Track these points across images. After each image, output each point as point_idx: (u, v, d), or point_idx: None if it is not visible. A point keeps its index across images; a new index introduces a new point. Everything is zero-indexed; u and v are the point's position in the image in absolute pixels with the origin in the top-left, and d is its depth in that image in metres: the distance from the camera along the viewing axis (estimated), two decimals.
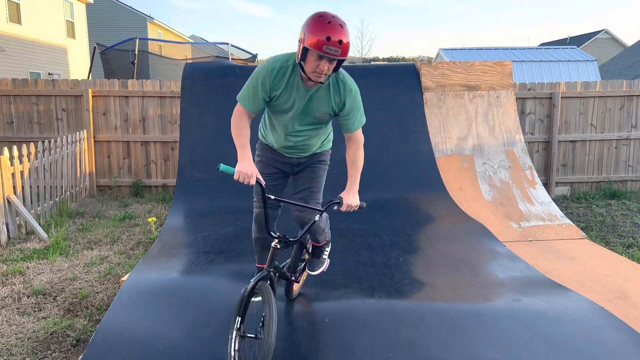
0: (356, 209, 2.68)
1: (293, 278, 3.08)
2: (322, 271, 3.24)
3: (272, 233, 2.61)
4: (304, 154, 2.98)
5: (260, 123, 3.06)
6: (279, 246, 2.59)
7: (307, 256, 3.31)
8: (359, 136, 2.79)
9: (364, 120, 2.79)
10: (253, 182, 2.48)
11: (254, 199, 3.02)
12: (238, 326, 2.45)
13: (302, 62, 2.50)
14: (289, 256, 3.17)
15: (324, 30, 2.35)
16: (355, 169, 2.77)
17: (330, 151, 3.15)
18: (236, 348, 2.43)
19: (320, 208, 2.67)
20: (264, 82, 2.61)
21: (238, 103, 2.70)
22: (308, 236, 3.17)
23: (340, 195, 2.69)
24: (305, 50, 2.43)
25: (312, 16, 2.43)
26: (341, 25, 2.38)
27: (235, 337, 2.43)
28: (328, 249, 3.30)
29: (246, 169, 2.47)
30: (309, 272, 3.22)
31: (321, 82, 2.53)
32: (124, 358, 2.72)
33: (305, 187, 2.99)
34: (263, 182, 2.51)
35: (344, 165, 2.90)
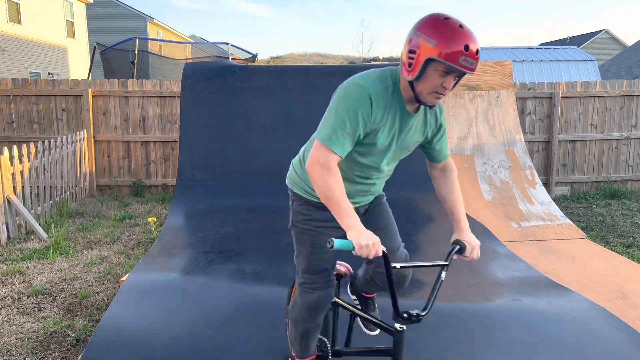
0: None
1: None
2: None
3: (404, 314, 1.87)
4: (372, 197, 2.29)
5: (298, 171, 2.30)
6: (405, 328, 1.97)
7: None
8: (452, 162, 2.23)
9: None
10: (380, 252, 1.77)
11: (306, 279, 2.20)
12: None
13: (415, 80, 1.85)
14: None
15: (459, 37, 1.74)
16: (461, 203, 2.14)
17: None
18: None
19: (443, 262, 1.93)
20: (365, 112, 1.89)
21: (321, 147, 1.89)
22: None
23: (457, 238, 2.03)
24: (427, 63, 1.79)
25: (434, 19, 1.80)
26: (472, 32, 1.80)
27: None
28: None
29: (368, 238, 1.74)
30: (369, 332, 2.56)
31: (431, 106, 1.91)
32: (123, 357, 2.72)
33: (387, 235, 2.26)
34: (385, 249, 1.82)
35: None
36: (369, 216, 2.30)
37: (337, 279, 2.52)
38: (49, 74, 19.06)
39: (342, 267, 2.58)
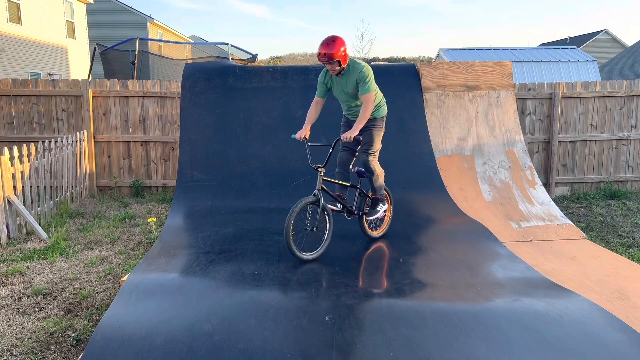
0: (351, 140, 4.11)
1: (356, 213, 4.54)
2: (375, 218, 4.64)
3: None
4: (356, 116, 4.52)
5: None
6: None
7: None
8: (366, 98, 4.25)
9: (367, 90, 4.24)
10: (299, 137, 4.36)
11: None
12: None
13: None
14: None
15: (319, 48, 4.16)
16: (361, 117, 4.21)
17: (380, 119, 4.51)
18: None
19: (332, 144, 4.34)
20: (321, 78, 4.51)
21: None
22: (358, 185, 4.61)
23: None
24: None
25: None
26: (325, 43, 4.11)
27: None
28: (382, 205, 4.65)
29: (299, 132, 4.39)
30: (367, 217, 4.60)
31: (336, 74, 4.32)
32: (124, 357, 2.73)
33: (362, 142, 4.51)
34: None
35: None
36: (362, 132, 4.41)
37: (359, 175, 4.62)
38: (50, 74, 19.07)
39: (356, 169, 4.66)
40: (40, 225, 5.66)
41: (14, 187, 5.37)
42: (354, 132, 4.11)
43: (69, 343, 3.23)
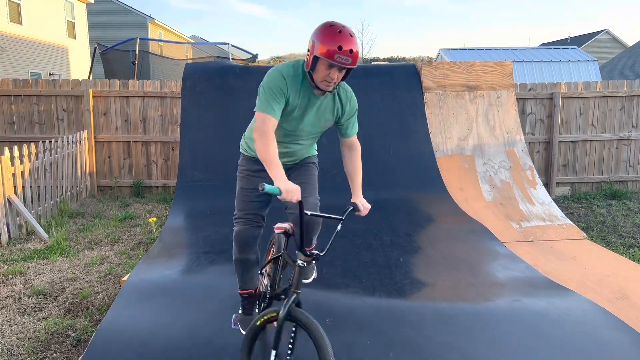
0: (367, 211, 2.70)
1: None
2: (314, 278, 3.18)
3: (305, 252, 2.40)
4: (295, 161, 2.92)
5: (245, 135, 2.91)
6: (306, 264, 2.39)
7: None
8: (357, 141, 2.84)
9: (357, 127, 2.85)
10: (299, 198, 2.29)
11: (235, 214, 2.82)
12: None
13: (311, 71, 2.49)
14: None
15: (335, 39, 2.37)
16: (359, 174, 2.81)
17: (316, 157, 3.07)
18: None
19: (341, 217, 2.49)
20: (282, 86, 2.53)
21: (259, 115, 2.50)
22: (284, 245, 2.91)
23: (352, 201, 2.66)
24: (315, 59, 2.43)
25: (323, 26, 2.44)
26: (351, 35, 2.41)
27: None
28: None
29: (291, 186, 2.29)
30: (304, 280, 3.06)
31: (329, 91, 2.55)
32: (124, 358, 2.73)
33: (304, 188, 2.81)
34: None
35: (342, 166, 2.88)
36: (294, 172, 2.90)
37: (286, 236, 2.87)
38: (50, 74, 19.07)
39: (285, 224, 2.90)
40: (40, 225, 5.67)
41: (15, 187, 5.37)
42: (366, 203, 2.72)
43: (70, 343, 3.23)
